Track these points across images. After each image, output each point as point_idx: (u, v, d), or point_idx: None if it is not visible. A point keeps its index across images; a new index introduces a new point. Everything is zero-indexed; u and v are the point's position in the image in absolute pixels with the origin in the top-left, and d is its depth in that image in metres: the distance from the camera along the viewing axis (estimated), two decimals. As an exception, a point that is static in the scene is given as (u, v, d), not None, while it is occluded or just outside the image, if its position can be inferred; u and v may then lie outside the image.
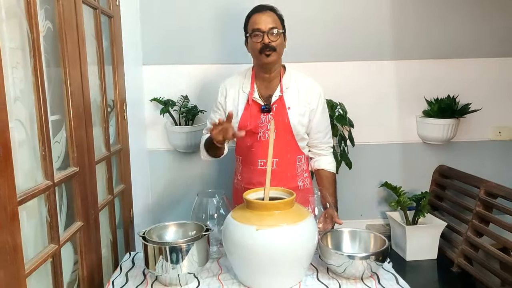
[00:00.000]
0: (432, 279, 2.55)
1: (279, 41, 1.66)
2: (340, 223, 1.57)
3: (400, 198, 2.68)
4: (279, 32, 1.66)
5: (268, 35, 1.63)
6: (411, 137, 2.92)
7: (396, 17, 2.77)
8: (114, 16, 1.98)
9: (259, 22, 1.64)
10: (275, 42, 1.64)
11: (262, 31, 1.64)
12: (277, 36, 1.65)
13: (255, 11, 1.69)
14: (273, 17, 1.67)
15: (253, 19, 1.67)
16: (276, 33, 1.64)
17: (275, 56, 1.66)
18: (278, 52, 1.67)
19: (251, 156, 1.76)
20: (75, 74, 1.44)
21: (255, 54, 1.69)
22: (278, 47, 1.65)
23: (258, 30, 1.64)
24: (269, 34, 1.63)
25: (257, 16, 1.66)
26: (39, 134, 1.21)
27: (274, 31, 1.64)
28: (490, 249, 2.35)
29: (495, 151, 2.97)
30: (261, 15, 1.66)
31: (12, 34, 1.13)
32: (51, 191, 1.24)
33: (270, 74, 1.73)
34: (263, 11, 1.67)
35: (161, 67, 2.68)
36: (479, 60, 2.86)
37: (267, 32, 1.63)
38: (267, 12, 1.67)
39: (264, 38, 1.63)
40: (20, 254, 1.03)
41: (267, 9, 1.68)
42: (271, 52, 1.64)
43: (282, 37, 1.68)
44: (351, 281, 1.31)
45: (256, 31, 1.64)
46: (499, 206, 2.38)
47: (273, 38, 1.64)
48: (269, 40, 1.63)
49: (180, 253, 1.25)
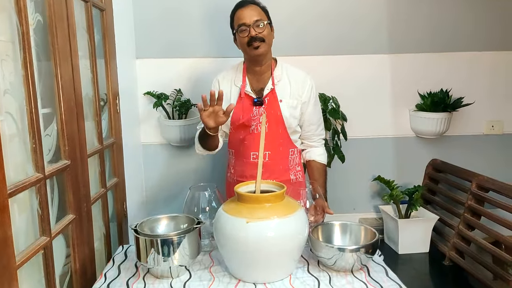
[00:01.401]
0: (424, 272, 2.57)
1: (266, 32, 1.67)
2: (331, 213, 1.58)
3: (392, 192, 2.70)
4: (265, 23, 1.67)
5: (254, 28, 1.64)
6: (404, 131, 2.93)
7: (390, 10, 2.77)
8: (106, 9, 1.97)
9: (243, 17, 1.66)
10: (262, 33, 1.65)
11: (247, 24, 1.64)
12: (263, 28, 1.66)
13: (238, 7, 1.70)
14: (257, 9, 1.68)
15: (237, 15, 1.69)
16: (262, 25, 1.65)
17: (264, 47, 1.67)
18: (267, 43, 1.68)
19: (244, 149, 1.77)
20: (66, 67, 1.43)
21: (244, 48, 1.69)
22: (266, 38, 1.66)
23: (243, 24, 1.65)
24: (255, 26, 1.64)
25: (241, 11, 1.67)
26: (29, 127, 1.21)
27: (259, 23, 1.65)
28: (482, 242, 2.37)
29: (488, 145, 2.99)
30: (244, 9, 1.67)
31: (2, 27, 1.13)
32: (42, 184, 1.24)
33: (261, 67, 1.73)
34: (246, 5, 1.68)
35: (154, 60, 2.68)
36: (473, 53, 2.87)
37: (252, 25, 1.64)
38: (250, 5, 1.68)
39: (250, 31, 1.64)
40: (11, 246, 1.03)
41: (249, 3, 1.69)
42: (259, 44, 1.65)
43: (268, 27, 1.69)
44: (341, 273, 1.31)
45: (242, 25, 1.65)
46: (491, 199, 2.40)
47: (259, 30, 1.65)
48: (256, 32, 1.64)
49: (172, 245, 1.25)
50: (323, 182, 1.84)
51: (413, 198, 2.70)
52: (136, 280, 1.29)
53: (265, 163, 1.71)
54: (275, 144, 1.75)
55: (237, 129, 1.77)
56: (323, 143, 1.90)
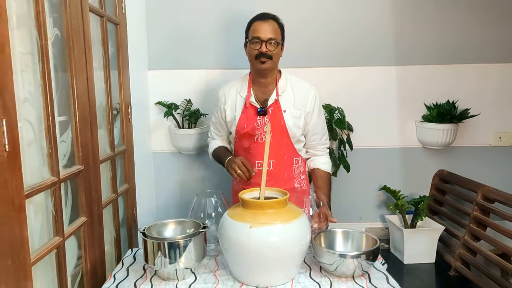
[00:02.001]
0: (430, 282, 2.56)
1: (276, 51, 1.73)
2: (334, 221, 1.61)
3: (398, 202, 2.71)
4: (277, 42, 1.73)
5: (266, 44, 1.70)
6: (410, 141, 2.95)
7: (396, 22, 2.81)
8: (120, 24, 2.06)
9: (259, 30, 1.71)
10: (271, 52, 1.71)
11: (261, 39, 1.70)
12: (275, 46, 1.72)
13: (258, 18, 1.75)
14: (274, 26, 1.73)
15: (254, 25, 1.74)
16: (274, 43, 1.71)
17: (270, 64, 1.74)
18: (274, 61, 1.75)
19: (249, 158, 1.81)
20: (81, 78, 1.51)
21: (252, 59, 1.76)
22: (274, 56, 1.73)
23: (257, 38, 1.71)
24: (268, 43, 1.70)
25: (259, 24, 1.73)
26: (46, 134, 1.28)
27: (272, 42, 1.71)
28: (488, 254, 2.36)
29: (496, 157, 2.98)
30: (262, 23, 1.72)
31: (22, 40, 1.21)
32: (56, 187, 1.31)
33: (266, 79, 1.80)
34: (265, 19, 1.73)
35: (166, 71, 2.76)
36: (479, 65, 2.88)
37: (265, 41, 1.70)
38: (269, 21, 1.73)
39: (262, 47, 1.71)
40: (26, 244, 1.10)
41: (269, 18, 1.74)
42: (266, 60, 1.72)
43: (279, 47, 1.76)
44: (343, 279, 1.33)
45: (256, 38, 1.71)
46: (496, 210, 2.39)
47: (271, 48, 1.71)
48: (267, 49, 1.70)
49: (178, 248, 1.30)
50: (327, 190, 1.87)
51: (419, 208, 2.70)
52: (143, 281, 1.34)
53: (270, 172, 1.75)
54: (280, 153, 1.79)
55: (241, 138, 1.82)
56: (327, 152, 1.94)
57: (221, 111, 1.87)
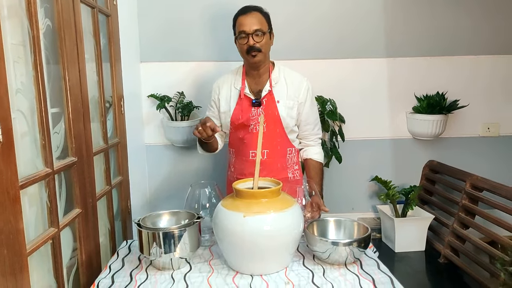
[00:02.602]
0: (420, 269, 2.62)
1: (264, 41, 1.74)
2: (326, 210, 1.63)
3: (389, 192, 2.76)
4: (264, 32, 1.73)
5: (253, 37, 1.71)
6: (401, 132, 2.99)
7: (387, 14, 2.83)
8: (112, 15, 2.05)
9: (243, 24, 1.72)
10: (259, 43, 1.72)
11: (247, 33, 1.71)
12: (262, 37, 1.72)
13: (241, 13, 1.75)
14: (258, 17, 1.73)
15: (239, 21, 1.75)
16: (261, 34, 1.72)
17: (261, 56, 1.75)
18: (264, 52, 1.75)
19: (243, 148, 1.83)
20: (73, 70, 1.51)
21: (243, 55, 1.78)
22: (263, 47, 1.74)
23: (243, 32, 1.72)
24: (254, 35, 1.71)
25: (242, 18, 1.73)
26: (39, 125, 1.28)
27: (258, 33, 1.71)
28: (477, 241, 2.41)
29: (484, 147, 3.04)
30: (245, 17, 1.73)
31: (14, 31, 1.20)
32: (50, 178, 1.31)
33: (259, 71, 1.81)
34: (248, 12, 1.73)
35: (158, 64, 2.75)
36: (469, 57, 2.93)
37: (251, 34, 1.71)
38: (252, 13, 1.73)
39: (249, 40, 1.71)
40: (22, 234, 1.10)
41: (252, 10, 1.74)
42: (256, 53, 1.73)
43: (267, 36, 1.76)
44: (335, 266, 1.36)
45: (242, 33, 1.72)
46: (484, 199, 2.44)
47: (258, 39, 1.72)
48: (254, 41, 1.71)
49: (173, 238, 1.31)
50: (320, 180, 1.90)
51: (409, 198, 2.75)
52: (139, 271, 1.35)
53: (264, 161, 1.78)
54: (273, 143, 1.82)
55: (236, 129, 1.84)
56: (320, 142, 1.96)
57: (216, 101, 1.89)
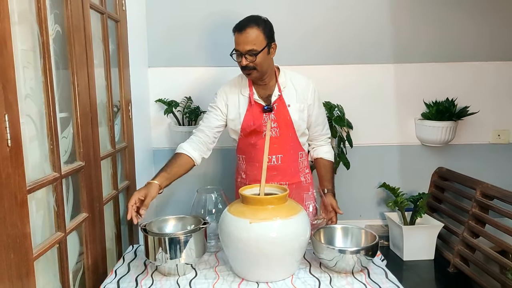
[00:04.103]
0: (428, 278, 2.57)
1: (259, 60, 1.67)
2: (340, 212, 1.64)
3: (398, 199, 2.73)
4: (257, 51, 1.66)
5: (246, 57, 1.66)
6: (409, 139, 2.96)
7: (396, 20, 2.82)
8: (121, 21, 2.07)
9: (238, 43, 1.68)
10: (254, 63, 1.67)
11: (240, 52, 1.68)
12: (255, 57, 1.66)
13: (237, 29, 1.69)
14: (254, 34, 1.65)
15: (235, 37, 1.70)
16: (254, 54, 1.65)
17: (256, 74, 1.72)
18: (260, 70, 1.70)
19: (256, 154, 1.82)
20: (82, 75, 1.52)
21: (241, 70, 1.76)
22: (258, 66, 1.68)
23: (237, 51, 1.69)
24: (247, 55, 1.66)
25: (237, 36, 1.68)
26: (47, 130, 1.29)
27: (252, 52, 1.65)
28: (487, 250, 2.37)
29: (495, 154, 3.00)
30: (239, 35, 1.67)
31: (24, 36, 1.22)
32: (58, 183, 1.32)
33: (263, 80, 1.80)
34: (243, 30, 1.66)
35: (166, 69, 2.76)
36: (479, 63, 2.89)
37: (244, 54, 1.66)
38: (247, 31, 1.65)
39: (242, 60, 1.68)
40: (29, 239, 1.11)
41: (247, 27, 1.66)
42: (250, 72, 1.70)
43: (264, 52, 1.68)
44: (342, 275, 1.35)
45: (237, 51, 1.69)
46: (495, 207, 2.41)
47: (251, 59, 1.66)
48: (247, 62, 1.67)
49: (179, 244, 1.31)
50: (331, 178, 1.89)
51: (418, 205, 2.72)
52: (144, 277, 1.35)
53: (278, 166, 1.80)
54: (287, 147, 1.82)
55: (247, 135, 1.83)
56: (329, 142, 1.96)
57: (222, 107, 1.86)
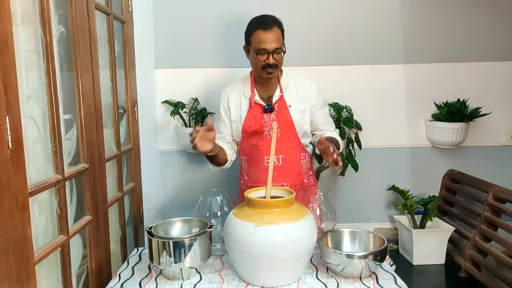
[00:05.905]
0: (439, 284, 2.52)
1: (282, 58, 1.73)
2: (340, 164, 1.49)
3: (407, 202, 2.68)
4: (282, 50, 1.71)
5: (273, 55, 1.68)
6: (420, 141, 2.91)
7: (405, 20, 2.78)
8: (127, 22, 2.06)
9: (265, 41, 1.67)
10: (278, 61, 1.71)
11: (268, 51, 1.68)
12: (281, 54, 1.71)
13: (261, 27, 1.68)
14: (277, 34, 1.69)
15: (259, 36, 1.68)
16: (280, 52, 1.70)
17: (276, 72, 1.74)
18: (279, 68, 1.75)
19: (257, 154, 1.81)
20: (87, 77, 1.51)
21: (257, 69, 1.74)
22: (280, 64, 1.73)
23: (264, 49, 1.68)
24: (275, 54, 1.68)
25: (263, 34, 1.67)
26: (51, 131, 1.28)
27: (278, 51, 1.69)
28: (499, 255, 2.32)
29: (507, 156, 2.93)
30: (266, 33, 1.67)
31: (27, 37, 1.21)
32: (61, 185, 1.31)
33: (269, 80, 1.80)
34: (269, 28, 1.67)
35: (173, 70, 2.75)
36: (490, 63, 2.84)
37: (272, 53, 1.68)
38: (272, 29, 1.67)
39: (269, 58, 1.68)
40: (30, 242, 1.09)
41: (272, 25, 1.68)
42: (273, 70, 1.71)
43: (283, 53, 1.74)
44: (350, 280, 1.32)
45: (262, 50, 1.68)
46: (508, 211, 2.35)
47: (277, 57, 1.70)
48: (274, 60, 1.69)
49: (183, 248, 1.29)
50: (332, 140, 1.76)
51: (428, 208, 2.67)
52: (148, 280, 1.33)
53: (279, 167, 1.77)
54: (288, 147, 1.80)
55: (249, 136, 1.82)
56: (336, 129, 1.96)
57: (225, 110, 1.87)
